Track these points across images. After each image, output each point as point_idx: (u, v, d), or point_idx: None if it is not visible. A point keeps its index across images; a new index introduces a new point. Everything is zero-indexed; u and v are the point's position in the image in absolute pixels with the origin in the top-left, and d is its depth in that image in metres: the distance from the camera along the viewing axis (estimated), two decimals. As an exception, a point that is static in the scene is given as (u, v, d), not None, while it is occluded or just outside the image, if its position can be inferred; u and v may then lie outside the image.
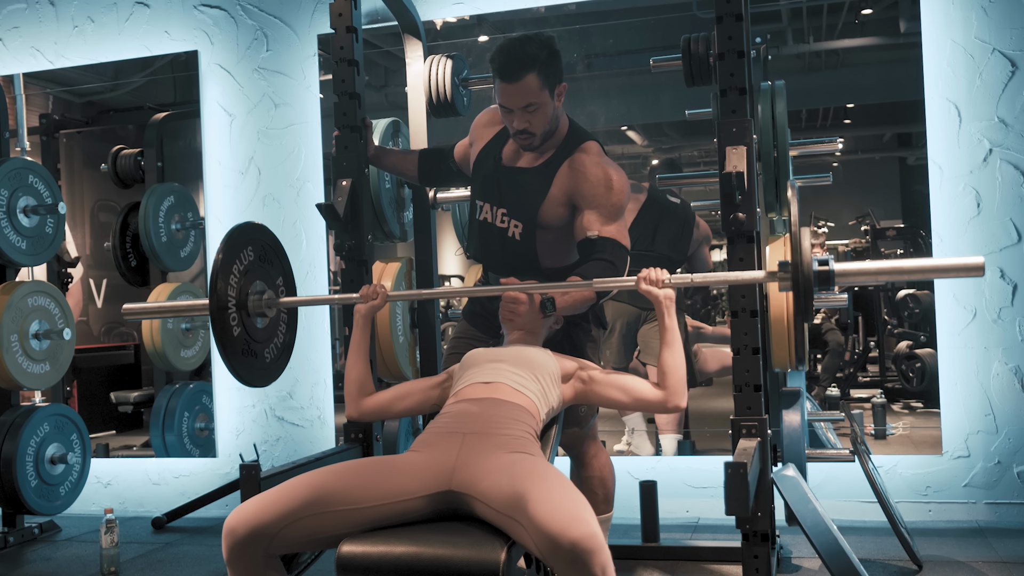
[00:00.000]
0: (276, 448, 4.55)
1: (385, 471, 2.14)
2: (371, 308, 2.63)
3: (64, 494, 4.16)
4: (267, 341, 2.70)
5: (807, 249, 2.19)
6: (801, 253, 2.18)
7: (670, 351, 2.43)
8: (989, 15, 3.76)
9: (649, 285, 2.43)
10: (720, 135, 2.47)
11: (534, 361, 2.48)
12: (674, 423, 4.39)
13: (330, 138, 3.08)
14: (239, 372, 2.56)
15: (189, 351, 4.94)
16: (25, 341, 3.94)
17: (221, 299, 2.48)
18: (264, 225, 2.72)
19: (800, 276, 2.19)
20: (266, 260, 2.68)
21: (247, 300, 2.58)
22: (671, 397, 2.42)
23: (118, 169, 5.24)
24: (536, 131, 2.71)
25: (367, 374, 2.61)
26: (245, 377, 2.60)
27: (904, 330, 5.61)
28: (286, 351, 2.80)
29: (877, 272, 2.39)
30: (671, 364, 2.42)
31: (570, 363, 2.55)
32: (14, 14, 4.87)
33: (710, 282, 2.33)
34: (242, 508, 2.05)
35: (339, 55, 2.96)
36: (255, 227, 2.68)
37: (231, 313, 2.52)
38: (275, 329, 2.73)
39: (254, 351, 2.63)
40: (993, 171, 3.76)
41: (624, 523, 3.77)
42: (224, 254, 2.50)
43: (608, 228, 2.67)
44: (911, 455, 3.94)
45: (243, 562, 2.03)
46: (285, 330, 2.80)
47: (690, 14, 4.60)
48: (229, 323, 2.51)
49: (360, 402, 2.58)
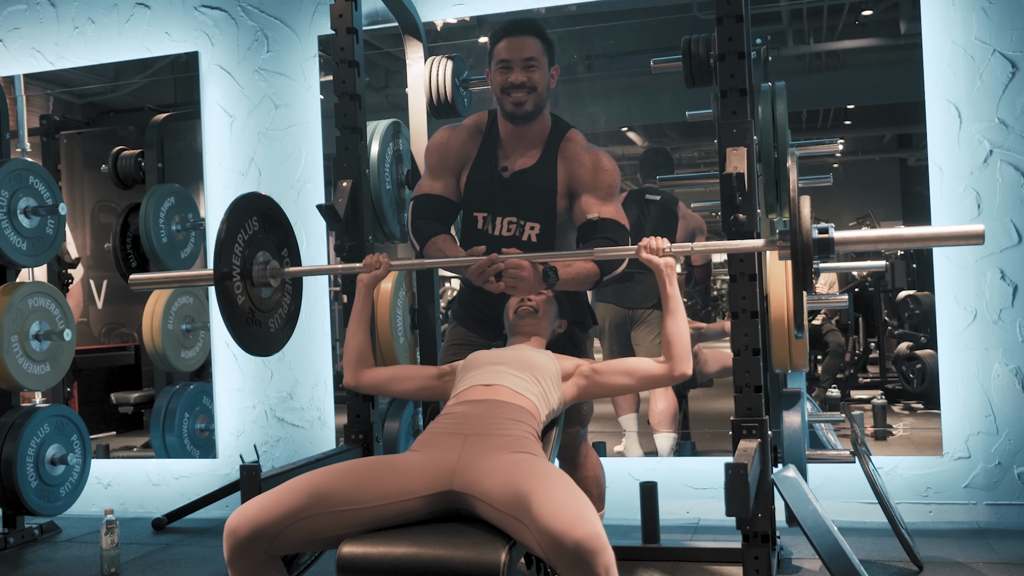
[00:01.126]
0: (276, 449, 4.55)
1: (386, 471, 2.14)
2: (374, 278, 2.65)
3: (64, 495, 4.16)
4: (272, 311, 2.73)
5: (807, 216, 2.19)
6: (800, 220, 2.19)
7: (673, 319, 2.44)
8: (989, 16, 3.77)
9: (650, 254, 2.45)
10: (720, 136, 2.47)
11: (535, 363, 2.48)
12: (669, 421, 4.38)
13: (331, 139, 3.08)
14: (244, 341, 2.59)
15: (189, 352, 4.94)
16: (25, 342, 3.94)
17: (225, 268, 2.50)
18: (268, 196, 2.74)
19: (799, 243, 2.19)
20: (270, 231, 2.71)
21: (251, 270, 2.61)
22: (676, 365, 2.43)
23: (118, 170, 5.24)
24: (535, 86, 2.75)
25: (367, 344, 2.62)
26: (249, 346, 2.63)
27: (904, 331, 5.61)
28: (291, 321, 2.83)
29: (876, 240, 2.39)
30: (676, 332, 2.44)
31: (569, 362, 2.56)
32: (15, 15, 4.88)
33: (710, 250, 2.36)
34: (244, 509, 2.05)
35: (340, 56, 2.96)
36: (259, 197, 2.70)
37: (235, 282, 2.55)
38: (280, 299, 2.77)
39: (259, 320, 2.67)
40: (993, 172, 3.76)
41: (624, 524, 3.77)
42: (228, 224, 2.52)
43: (606, 208, 2.72)
44: (911, 456, 3.94)
45: (244, 563, 2.03)
46: (290, 300, 2.84)
47: (690, 15, 4.61)
48: (234, 292, 2.53)
49: (359, 372, 2.61)
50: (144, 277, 2.83)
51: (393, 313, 3.54)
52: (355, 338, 2.62)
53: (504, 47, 2.76)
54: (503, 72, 2.77)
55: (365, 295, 2.65)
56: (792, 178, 2.29)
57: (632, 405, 4.53)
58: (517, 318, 2.68)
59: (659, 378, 2.47)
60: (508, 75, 2.76)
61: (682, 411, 4.56)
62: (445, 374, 2.60)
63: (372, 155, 3.45)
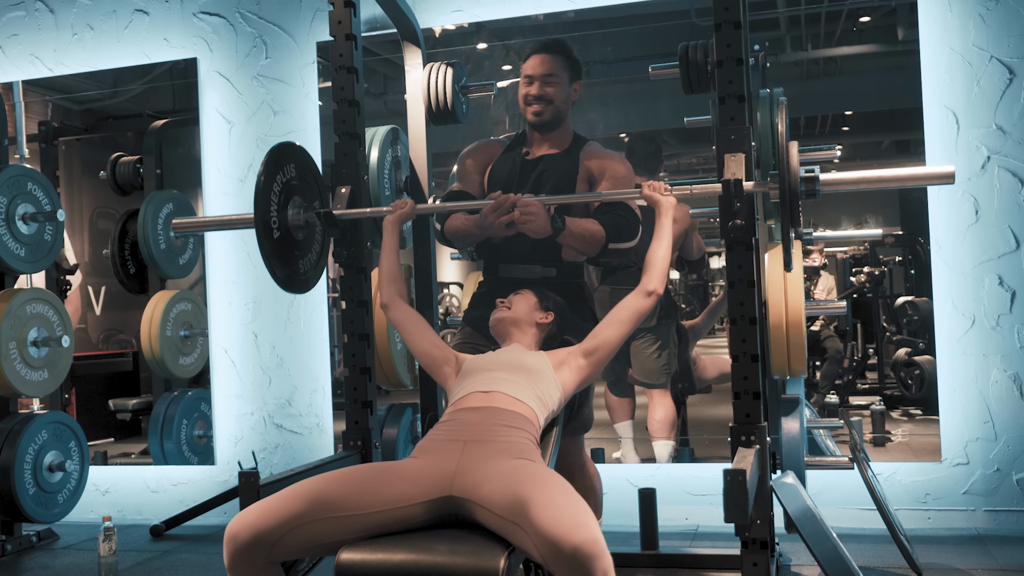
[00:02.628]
0: (275, 455, 4.55)
1: (385, 476, 2.14)
2: (399, 216, 2.81)
3: (62, 502, 4.15)
4: (305, 250, 2.92)
5: (795, 157, 2.36)
6: (789, 162, 2.35)
7: (660, 243, 2.60)
8: (987, 23, 3.77)
9: (652, 191, 2.62)
10: (719, 142, 2.47)
11: (529, 367, 2.49)
12: (667, 430, 4.36)
13: (330, 145, 3.13)
14: (277, 274, 2.76)
15: (188, 358, 4.94)
16: (23, 348, 3.94)
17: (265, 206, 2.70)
18: (304, 148, 2.91)
19: (787, 183, 2.36)
20: (305, 181, 2.90)
21: (287, 213, 2.81)
22: (648, 282, 2.56)
23: (117, 176, 5.24)
24: (553, 99, 2.97)
25: (398, 269, 2.80)
26: (284, 280, 2.79)
27: (903, 337, 5.61)
28: (323, 257, 3.02)
29: (858, 181, 2.52)
30: (660, 255, 2.58)
31: (560, 353, 2.59)
32: (13, 21, 4.88)
33: (707, 192, 2.49)
34: (244, 514, 2.05)
35: (338, 63, 2.96)
36: (296, 147, 2.88)
37: (273, 217, 2.74)
38: (311, 239, 2.95)
39: (294, 257, 2.86)
40: (991, 178, 3.77)
41: (623, 530, 3.77)
42: (266, 169, 2.71)
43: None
44: (910, 462, 3.93)
45: (244, 568, 2.03)
46: (320, 239, 3.01)
47: (688, 22, 4.62)
48: (271, 227, 2.72)
49: (392, 295, 2.75)
50: (186, 222, 3.10)
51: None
52: (386, 263, 2.80)
53: (530, 63, 3.00)
54: (526, 85, 3.01)
55: (392, 232, 2.83)
56: (781, 126, 2.45)
57: (628, 412, 4.51)
58: (495, 320, 2.72)
59: (644, 305, 2.56)
60: (529, 88, 2.99)
61: (680, 417, 4.54)
62: (448, 360, 2.63)
63: (371, 161, 3.46)
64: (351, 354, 2.92)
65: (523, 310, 2.70)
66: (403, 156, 3.67)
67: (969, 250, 3.78)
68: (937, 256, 3.83)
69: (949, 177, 2.40)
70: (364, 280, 2.98)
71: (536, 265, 2.95)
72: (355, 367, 2.92)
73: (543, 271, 2.94)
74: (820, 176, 2.40)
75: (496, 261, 3.03)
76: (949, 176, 2.40)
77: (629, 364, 4.43)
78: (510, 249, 2.97)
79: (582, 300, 2.98)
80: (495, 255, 3.03)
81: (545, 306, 2.73)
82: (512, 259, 2.98)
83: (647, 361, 4.37)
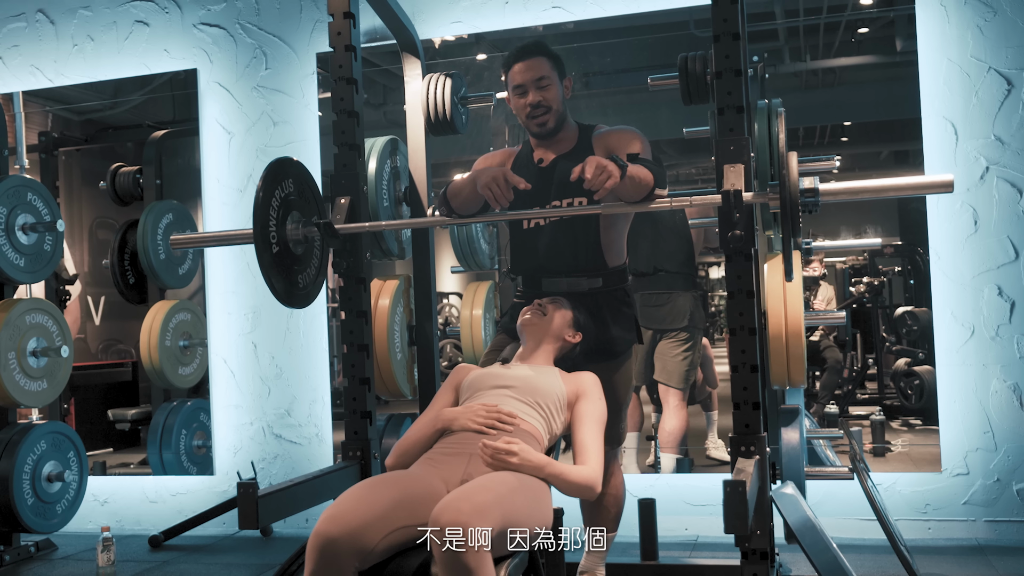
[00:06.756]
0: (274, 466, 4.54)
1: (412, 478, 2.17)
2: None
3: (61, 512, 4.14)
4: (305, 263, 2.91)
5: (794, 167, 2.36)
6: (788, 172, 2.35)
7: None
8: (985, 34, 3.78)
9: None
10: (718, 153, 2.47)
11: (540, 389, 2.48)
12: (675, 443, 4.36)
13: (329, 156, 3.12)
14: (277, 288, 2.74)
15: (187, 368, 4.94)
16: (23, 358, 3.94)
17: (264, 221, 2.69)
18: (302, 163, 2.88)
19: (788, 192, 2.35)
20: (303, 196, 2.88)
21: (286, 228, 2.79)
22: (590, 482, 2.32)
23: (117, 187, 5.25)
24: (551, 104, 2.85)
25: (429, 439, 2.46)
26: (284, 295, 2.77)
27: (902, 347, 5.62)
28: (322, 270, 2.99)
29: (858, 190, 2.52)
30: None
31: (574, 387, 2.52)
32: (14, 32, 4.89)
33: (706, 203, 2.49)
34: (335, 510, 1.92)
35: (338, 73, 2.97)
36: (294, 163, 2.87)
37: (271, 232, 2.72)
38: (311, 253, 2.94)
39: (295, 272, 2.85)
40: (990, 189, 3.77)
41: (623, 541, 3.75)
42: (264, 184, 2.70)
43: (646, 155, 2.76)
44: (910, 472, 3.93)
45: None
46: (319, 252, 2.99)
47: (687, 33, 4.63)
48: (270, 241, 2.71)
49: (397, 465, 2.44)
50: (184, 237, 3.11)
51: (391, 329, 3.54)
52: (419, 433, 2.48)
53: (516, 73, 2.87)
54: (519, 96, 2.88)
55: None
56: (781, 137, 2.48)
57: (635, 424, 4.51)
58: (525, 322, 2.67)
59: (577, 484, 2.31)
60: (525, 98, 2.87)
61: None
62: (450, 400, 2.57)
63: (370, 172, 3.46)
64: (350, 364, 2.92)
65: (558, 324, 2.65)
66: (402, 167, 3.68)
67: (968, 260, 3.79)
68: (936, 266, 3.83)
69: (948, 186, 2.40)
70: (363, 291, 2.98)
71: (582, 277, 2.84)
72: (354, 377, 2.92)
73: (589, 283, 2.84)
74: (820, 186, 2.41)
75: (539, 276, 2.91)
76: (948, 185, 2.40)
77: (653, 367, 4.41)
78: (552, 262, 2.87)
79: (627, 308, 2.91)
80: (538, 270, 2.92)
81: (577, 325, 2.70)
82: (556, 272, 2.88)
83: (670, 361, 4.34)
